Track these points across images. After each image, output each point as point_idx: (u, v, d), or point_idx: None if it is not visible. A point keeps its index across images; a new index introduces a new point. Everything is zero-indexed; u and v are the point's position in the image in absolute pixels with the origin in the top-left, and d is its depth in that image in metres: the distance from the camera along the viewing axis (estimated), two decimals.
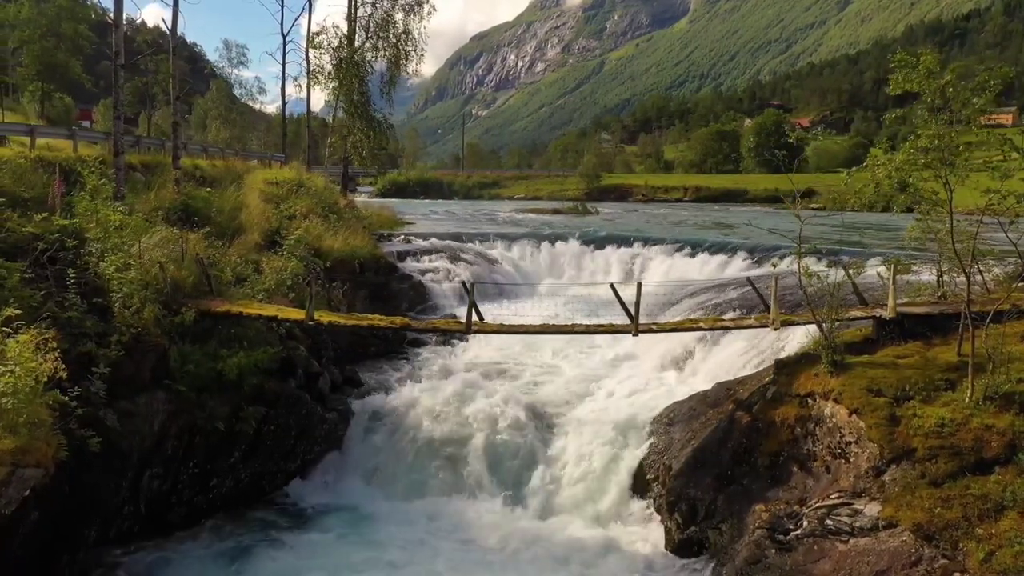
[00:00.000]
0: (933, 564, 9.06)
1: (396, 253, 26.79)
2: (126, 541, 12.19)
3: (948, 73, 9.77)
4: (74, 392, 10.03)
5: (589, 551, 12.59)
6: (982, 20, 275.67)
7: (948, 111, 9.99)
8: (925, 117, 10.02)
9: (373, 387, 17.07)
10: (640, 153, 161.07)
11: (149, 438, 12.09)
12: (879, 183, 10.48)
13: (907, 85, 9.90)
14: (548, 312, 24.36)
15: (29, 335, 9.22)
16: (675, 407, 14.84)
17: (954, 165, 9.88)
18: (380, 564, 12.27)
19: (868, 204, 11.80)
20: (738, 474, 11.93)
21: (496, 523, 13.57)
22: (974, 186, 9.91)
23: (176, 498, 12.87)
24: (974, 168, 9.90)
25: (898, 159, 10.07)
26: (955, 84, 10.25)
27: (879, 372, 11.07)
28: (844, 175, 11.31)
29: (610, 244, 30.04)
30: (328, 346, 17.72)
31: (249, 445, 13.80)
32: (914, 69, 9.76)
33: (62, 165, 17.29)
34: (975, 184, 10.08)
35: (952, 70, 9.80)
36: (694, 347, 18.32)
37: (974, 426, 9.76)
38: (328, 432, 15.08)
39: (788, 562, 10.41)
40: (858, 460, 10.60)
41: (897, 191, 10.90)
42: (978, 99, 9.55)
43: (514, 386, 17.00)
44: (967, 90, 10.15)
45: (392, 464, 15.04)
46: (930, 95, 10.07)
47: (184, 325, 13.07)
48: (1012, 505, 8.87)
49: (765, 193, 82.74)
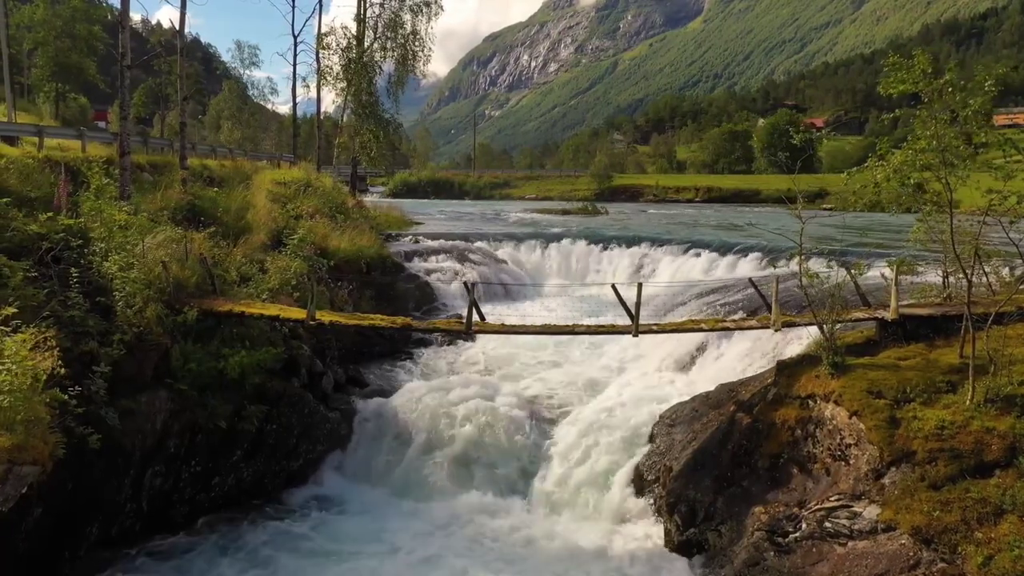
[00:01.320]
0: (932, 568, 8.98)
1: (403, 253, 26.83)
2: (128, 539, 12.24)
3: (948, 73, 9.67)
4: (74, 391, 10.12)
5: (590, 551, 12.56)
6: (999, 19, 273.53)
7: (948, 112, 9.88)
8: (924, 118, 9.92)
9: (377, 387, 17.11)
10: (652, 153, 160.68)
11: (151, 436, 12.15)
12: (879, 184, 10.39)
13: (901, 87, 9.80)
14: (554, 312, 24.35)
15: (27, 334, 9.30)
16: (678, 408, 14.79)
17: (954, 166, 9.78)
18: (383, 564, 12.29)
19: (870, 205, 11.75)
20: (738, 476, 11.86)
21: (499, 522, 13.56)
22: (976, 186, 9.81)
23: (178, 496, 12.92)
24: (975, 169, 9.79)
25: (897, 160, 9.97)
26: (953, 84, 10.16)
27: (880, 374, 10.98)
28: (844, 176, 11.20)
29: (618, 244, 29.96)
30: (332, 346, 17.77)
31: (251, 444, 13.85)
32: (908, 71, 9.66)
33: (68, 165, 17.44)
34: (976, 184, 9.98)
35: (950, 70, 9.69)
36: (699, 348, 18.25)
37: (974, 429, 9.67)
38: (331, 431, 15.11)
39: (786, 565, 10.34)
40: (858, 462, 10.52)
41: (907, 192, 10.80)
42: (974, 100, 9.43)
43: (517, 386, 16.99)
44: (962, 91, 10.05)
45: (395, 463, 15.05)
46: (928, 96, 9.98)
47: (186, 324, 13.14)
48: (1012, 509, 8.77)
49: (778, 193, 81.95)
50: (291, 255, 18.00)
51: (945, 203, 9.95)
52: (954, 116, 10.15)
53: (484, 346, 20.08)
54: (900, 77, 9.76)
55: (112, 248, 13.17)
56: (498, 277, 26.81)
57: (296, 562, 12.16)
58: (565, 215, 51.79)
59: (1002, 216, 10.31)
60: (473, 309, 13.48)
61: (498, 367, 18.63)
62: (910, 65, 9.69)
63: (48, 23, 39.37)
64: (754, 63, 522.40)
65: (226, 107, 65.88)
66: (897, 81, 9.79)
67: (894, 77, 9.85)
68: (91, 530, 11.48)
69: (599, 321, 18.42)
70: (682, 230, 37.41)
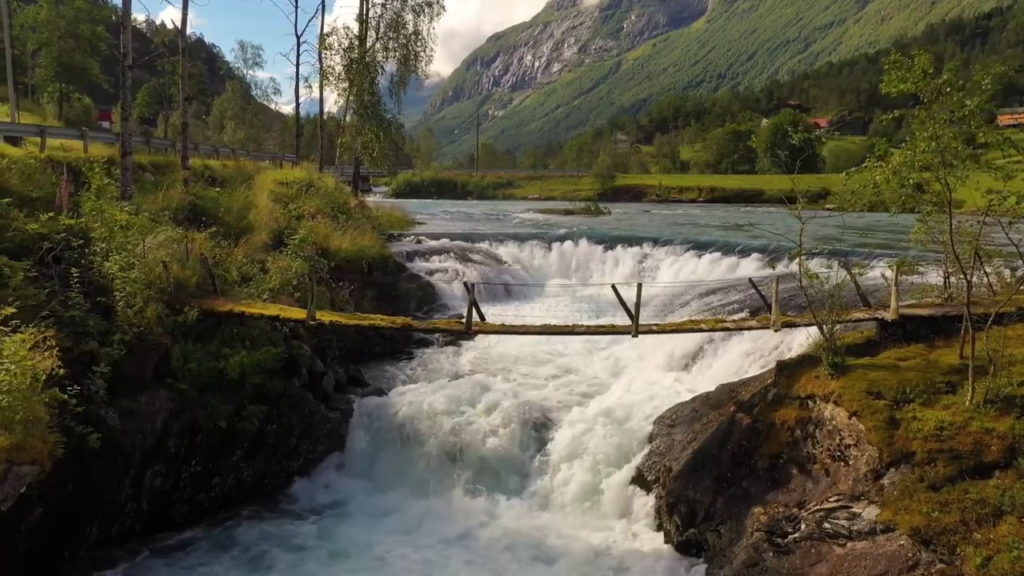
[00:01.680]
0: (930, 568, 8.96)
1: (405, 253, 26.83)
2: (128, 539, 12.28)
3: (945, 73, 9.65)
4: (74, 390, 10.14)
5: (591, 551, 12.56)
6: (1004, 19, 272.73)
7: (948, 112, 9.86)
8: (923, 118, 9.90)
9: (377, 387, 17.11)
10: (656, 153, 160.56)
11: (151, 436, 12.17)
12: (878, 184, 10.37)
13: (902, 86, 9.79)
14: (555, 313, 24.31)
15: (26, 333, 9.32)
16: (678, 408, 14.78)
17: (953, 166, 9.75)
18: (383, 564, 12.31)
19: (871, 205, 11.75)
20: (737, 476, 11.85)
21: (499, 522, 13.57)
22: (976, 187, 9.78)
23: (178, 496, 12.95)
24: (975, 169, 9.76)
25: (896, 160, 9.95)
26: (952, 84, 10.13)
27: (879, 374, 10.96)
28: (844, 176, 11.18)
29: (620, 244, 29.93)
30: (333, 346, 17.78)
31: (252, 444, 13.87)
32: (909, 71, 9.65)
33: (70, 165, 17.48)
34: (976, 184, 9.96)
35: (949, 70, 9.67)
36: (701, 348, 18.24)
37: (974, 430, 9.65)
38: (331, 431, 15.13)
39: (786, 565, 10.32)
40: (857, 463, 10.50)
41: (906, 192, 10.79)
42: (971, 100, 9.40)
43: (518, 386, 17.00)
44: (960, 92, 10.03)
45: (395, 463, 15.06)
46: (927, 96, 9.96)
47: (187, 324, 13.16)
48: (1011, 510, 8.75)
49: (781, 193, 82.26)
50: (292, 255, 18.01)
51: (945, 203, 9.92)
52: (953, 116, 10.13)
53: (485, 346, 20.10)
54: (901, 76, 9.75)
55: (113, 248, 13.20)
56: (500, 277, 26.82)
57: (298, 562, 12.18)
58: (568, 215, 51.81)
59: (1002, 216, 10.29)
60: (473, 309, 13.45)
61: (498, 367, 18.64)
62: (910, 65, 9.67)
63: (52, 24, 39.43)
64: (758, 63, 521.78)
65: (229, 107, 65.97)
66: (898, 80, 9.77)
67: (895, 76, 9.83)
68: (91, 530, 11.51)
69: (599, 321, 18.38)
70: (685, 230, 37.36)
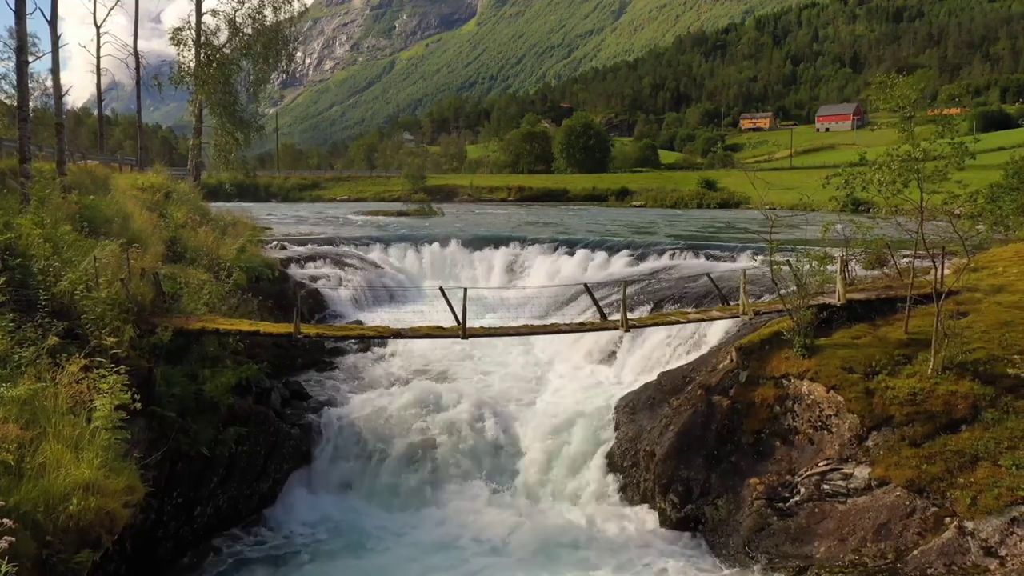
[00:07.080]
0: (927, 512, 10.68)
1: (279, 260, 25.69)
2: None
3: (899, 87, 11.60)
4: None
5: (579, 538, 13.11)
6: (738, 33, 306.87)
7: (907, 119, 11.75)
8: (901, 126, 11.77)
9: (322, 399, 16.58)
10: (443, 153, 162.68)
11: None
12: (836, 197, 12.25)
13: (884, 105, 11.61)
14: (444, 313, 24.50)
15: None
16: (632, 397, 15.82)
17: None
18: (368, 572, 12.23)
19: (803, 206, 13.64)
20: (724, 453, 13.09)
21: (475, 517, 13.82)
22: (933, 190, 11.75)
23: (163, 531, 11.92)
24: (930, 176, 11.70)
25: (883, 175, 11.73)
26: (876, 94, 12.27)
27: (848, 352, 12.69)
28: (823, 182, 12.78)
29: (488, 245, 30.65)
30: (262, 360, 16.90)
31: (225, 468, 13.05)
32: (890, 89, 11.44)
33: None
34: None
35: (876, 82, 11.78)
36: (615, 342, 19.39)
37: (941, 392, 11.54)
38: (294, 448, 14.54)
39: (792, 526, 11.71)
40: (840, 430, 12.10)
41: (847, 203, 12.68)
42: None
43: (462, 386, 17.22)
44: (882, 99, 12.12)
45: (362, 473, 14.85)
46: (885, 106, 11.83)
47: (161, 345, 12.11)
48: (985, 456, 10.63)
49: (584, 192, 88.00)
50: (229, 268, 16.90)
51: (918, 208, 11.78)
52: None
53: (402, 349, 19.99)
54: (884, 96, 11.54)
55: (62, 265, 11.81)
56: (380, 282, 26.53)
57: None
58: (401, 216, 51.61)
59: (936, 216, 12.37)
60: (464, 314, 13.63)
61: (433, 370, 18.72)
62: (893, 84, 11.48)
63: None
64: (527, 66, 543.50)
65: None
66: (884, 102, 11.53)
67: (881, 95, 11.60)
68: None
69: (579, 319, 19.07)
70: (532, 229, 38.84)
